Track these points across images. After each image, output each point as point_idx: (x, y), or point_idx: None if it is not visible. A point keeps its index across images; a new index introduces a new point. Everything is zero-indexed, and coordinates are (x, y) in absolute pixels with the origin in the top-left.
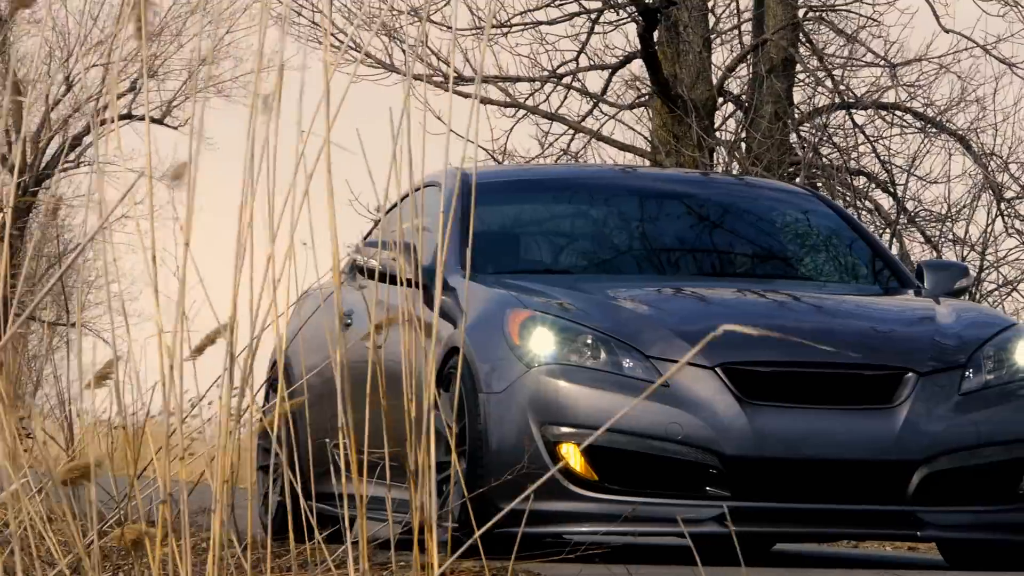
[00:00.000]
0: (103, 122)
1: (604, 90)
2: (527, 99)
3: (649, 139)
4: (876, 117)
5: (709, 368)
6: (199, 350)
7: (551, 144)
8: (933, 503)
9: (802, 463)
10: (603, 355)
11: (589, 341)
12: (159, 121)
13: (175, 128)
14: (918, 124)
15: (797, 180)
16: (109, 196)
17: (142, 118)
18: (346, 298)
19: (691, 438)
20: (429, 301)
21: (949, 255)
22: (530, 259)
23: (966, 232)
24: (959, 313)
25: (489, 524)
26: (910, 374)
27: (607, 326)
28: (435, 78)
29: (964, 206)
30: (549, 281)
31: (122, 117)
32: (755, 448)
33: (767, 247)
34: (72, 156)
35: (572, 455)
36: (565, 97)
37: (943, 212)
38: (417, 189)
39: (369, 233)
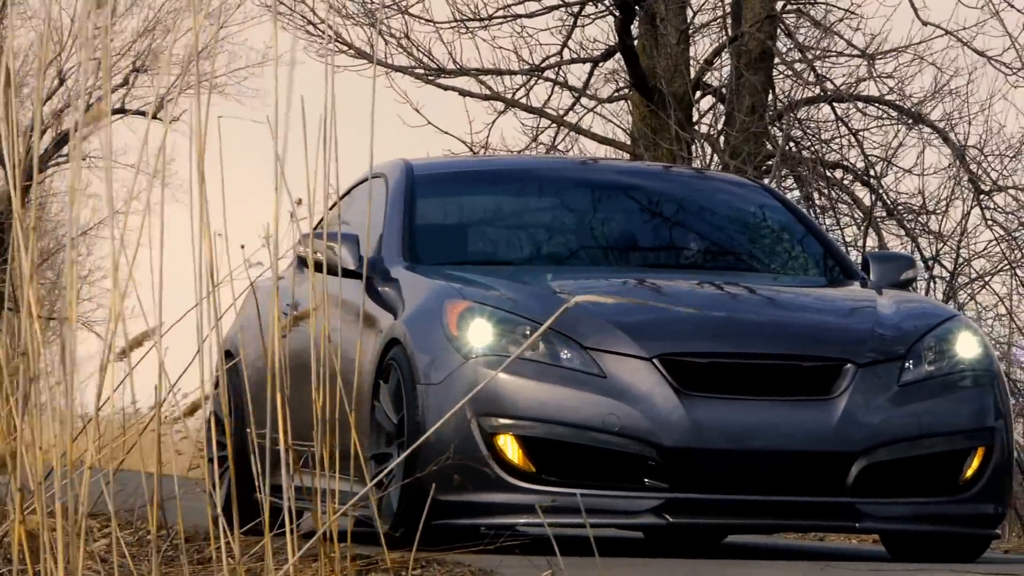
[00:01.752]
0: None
1: (586, 84)
2: (512, 94)
3: (629, 132)
4: (853, 109)
5: (647, 359)
6: (125, 352)
7: (534, 138)
8: (872, 495)
9: (740, 454)
10: (541, 346)
11: (527, 332)
12: (151, 116)
13: (169, 123)
14: (896, 116)
15: (770, 174)
16: (100, 192)
17: (135, 112)
18: (295, 289)
19: (628, 430)
20: (372, 292)
21: (928, 249)
22: (474, 250)
23: (941, 225)
24: (900, 304)
25: (340, 512)
26: (849, 365)
27: (545, 317)
28: (416, 70)
29: (943, 199)
30: (491, 273)
31: (114, 112)
32: (693, 439)
33: (713, 238)
34: (65, 150)
35: (509, 446)
36: (551, 93)
37: (920, 204)
38: (363, 181)
39: (317, 225)
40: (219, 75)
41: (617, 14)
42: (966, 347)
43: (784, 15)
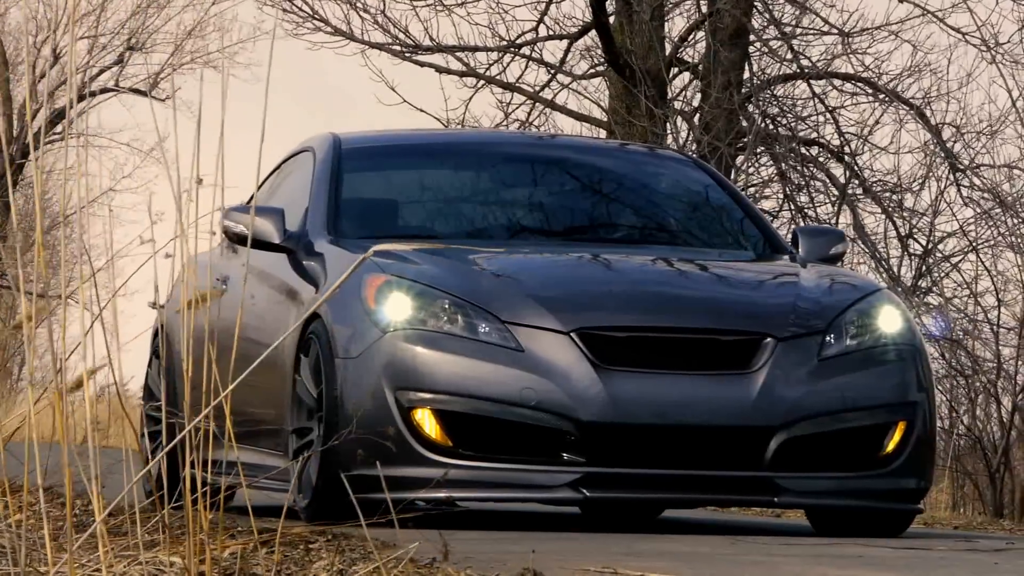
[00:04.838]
0: (82, 97)
1: (562, 60)
2: (486, 69)
3: (606, 109)
4: (830, 87)
5: (564, 333)
6: (18, 327)
7: (509, 114)
8: (791, 469)
9: (658, 429)
10: (459, 320)
11: (445, 306)
12: (145, 93)
13: (162, 100)
14: (872, 93)
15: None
16: (93, 169)
17: (128, 90)
18: (225, 264)
19: (546, 404)
20: (296, 266)
21: (902, 227)
22: (401, 225)
23: (914, 203)
24: (825, 278)
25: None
26: (768, 339)
27: (463, 291)
28: (393, 47)
29: (919, 178)
30: (415, 247)
31: (107, 90)
32: (611, 414)
33: (639, 212)
34: (59, 128)
35: (426, 420)
36: (525, 68)
37: (896, 182)
38: (293, 155)
39: (251, 199)
40: (211, 52)
41: None
42: (888, 321)
43: None
